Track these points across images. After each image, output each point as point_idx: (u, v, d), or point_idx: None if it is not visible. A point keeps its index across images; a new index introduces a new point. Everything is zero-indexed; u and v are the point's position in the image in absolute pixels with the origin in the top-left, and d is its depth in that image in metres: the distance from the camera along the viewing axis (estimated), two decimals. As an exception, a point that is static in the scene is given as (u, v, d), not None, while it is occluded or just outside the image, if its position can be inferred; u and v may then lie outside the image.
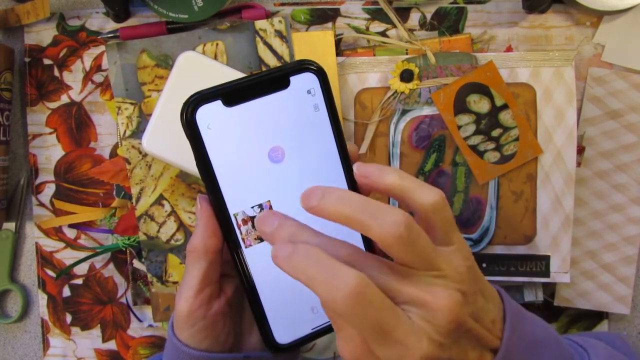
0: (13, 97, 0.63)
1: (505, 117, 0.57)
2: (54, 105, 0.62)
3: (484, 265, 0.59)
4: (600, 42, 0.60)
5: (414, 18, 0.60)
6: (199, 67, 0.55)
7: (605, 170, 0.61)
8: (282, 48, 0.57)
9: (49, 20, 0.62)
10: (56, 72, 0.62)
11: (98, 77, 0.62)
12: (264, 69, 0.56)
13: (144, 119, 0.58)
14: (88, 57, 0.62)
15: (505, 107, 0.57)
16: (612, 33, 0.60)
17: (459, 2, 0.60)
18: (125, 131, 0.58)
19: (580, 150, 0.60)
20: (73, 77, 0.62)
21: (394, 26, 0.59)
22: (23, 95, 0.63)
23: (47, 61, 0.62)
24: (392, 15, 0.59)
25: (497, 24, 0.60)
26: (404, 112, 0.58)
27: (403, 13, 0.60)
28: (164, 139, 0.56)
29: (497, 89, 0.57)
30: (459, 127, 0.58)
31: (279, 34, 0.57)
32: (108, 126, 0.62)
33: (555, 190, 0.58)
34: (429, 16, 0.60)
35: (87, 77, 0.62)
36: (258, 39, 0.57)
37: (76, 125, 0.62)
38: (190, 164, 0.55)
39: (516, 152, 0.58)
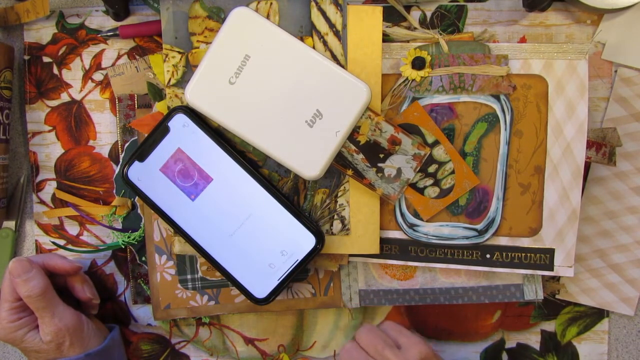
0: (12, 95, 0.62)
1: (438, 152, 0.58)
2: (54, 103, 0.62)
3: (488, 256, 0.59)
4: (600, 40, 0.60)
5: (415, 16, 0.60)
6: (250, 24, 0.54)
7: (624, 172, 0.61)
8: (335, 16, 0.56)
9: (48, 18, 0.62)
10: (55, 70, 0.62)
11: (98, 76, 0.62)
12: (314, 34, 0.56)
13: (189, 69, 0.57)
14: (87, 55, 0.62)
15: (437, 143, 0.58)
16: (612, 31, 0.60)
17: (459, 0, 0.60)
18: (170, 79, 0.57)
19: (612, 148, 0.59)
20: (72, 75, 0.62)
21: (395, 24, 0.59)
22: (22, 93, 0.63)
23: (46, 59, 0.62)
24: (400, 8, 0.59)
25: (497, 22, 0.60)
26: (414, 100, 0.58)
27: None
28: (207, 93, 0.55)
29: (426, 127, 0.58)
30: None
31: (334, 1, 0.56)
32: (108, 125, 0.62)
33: (563, 184, 0.58)
34: (429, 14, 0.60)
35: (87, 75, 0.62)
36: (313, 3, 0.56)
37: (75, 123, 0.62)
38: (228, 121, 0.55)
39: (454, 185, 0.58)
